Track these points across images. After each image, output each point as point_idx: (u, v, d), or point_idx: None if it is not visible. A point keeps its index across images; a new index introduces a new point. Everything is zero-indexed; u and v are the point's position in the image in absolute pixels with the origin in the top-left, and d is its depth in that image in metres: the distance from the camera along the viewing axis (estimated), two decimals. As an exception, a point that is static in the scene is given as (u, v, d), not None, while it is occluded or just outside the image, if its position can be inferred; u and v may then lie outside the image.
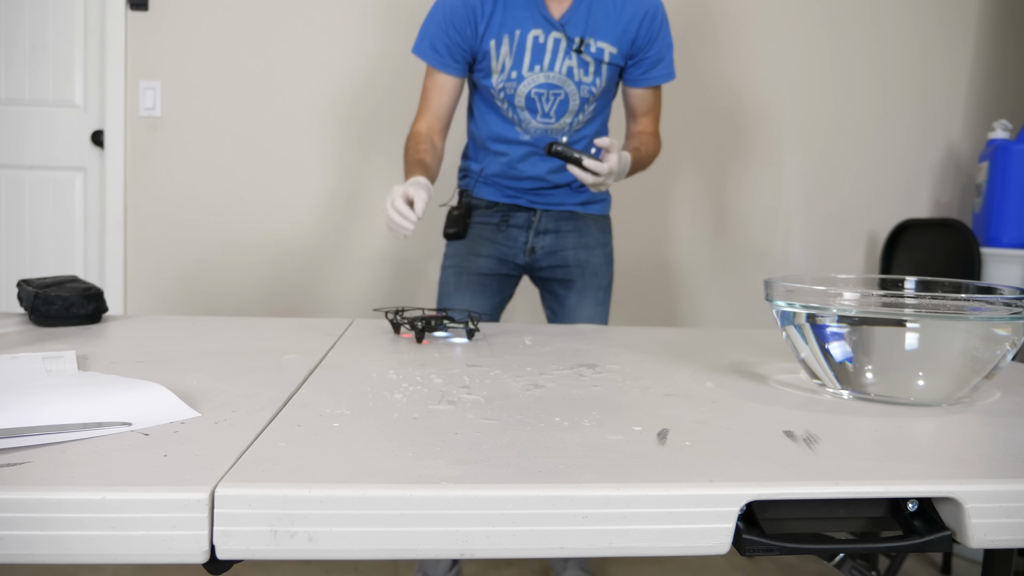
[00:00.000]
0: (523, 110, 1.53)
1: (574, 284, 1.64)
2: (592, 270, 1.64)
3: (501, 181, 1.61)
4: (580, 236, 1.64)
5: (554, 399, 0.73)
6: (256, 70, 2.40)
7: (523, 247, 1.64)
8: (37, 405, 0.60)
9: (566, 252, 1.64)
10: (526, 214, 1.63)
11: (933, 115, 2.60)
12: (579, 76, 1.50)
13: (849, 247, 2.62)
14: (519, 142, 1.56)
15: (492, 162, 1.60)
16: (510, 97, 1.52)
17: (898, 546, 0.53)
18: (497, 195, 1.63)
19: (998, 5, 2.58)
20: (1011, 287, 0.80)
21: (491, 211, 1.64)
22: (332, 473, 0.51)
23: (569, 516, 0.49)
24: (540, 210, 1.63)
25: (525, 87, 1.50)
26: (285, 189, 2.44)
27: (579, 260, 1.64)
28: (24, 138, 2.43)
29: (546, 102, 1.52)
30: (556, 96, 1.51)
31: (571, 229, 1.64)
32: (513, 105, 1.53)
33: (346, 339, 1.04)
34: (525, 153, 1.57)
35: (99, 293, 1.12)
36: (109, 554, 0.46)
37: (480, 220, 1.64)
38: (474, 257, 1.63)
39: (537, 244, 1.64)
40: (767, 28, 2.51)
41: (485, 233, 1.63)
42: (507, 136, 1.56)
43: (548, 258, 1.65)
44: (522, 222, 1.64)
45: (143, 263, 2.44)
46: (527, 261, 1.65)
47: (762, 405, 0.74)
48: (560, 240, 1.64)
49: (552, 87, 1.50)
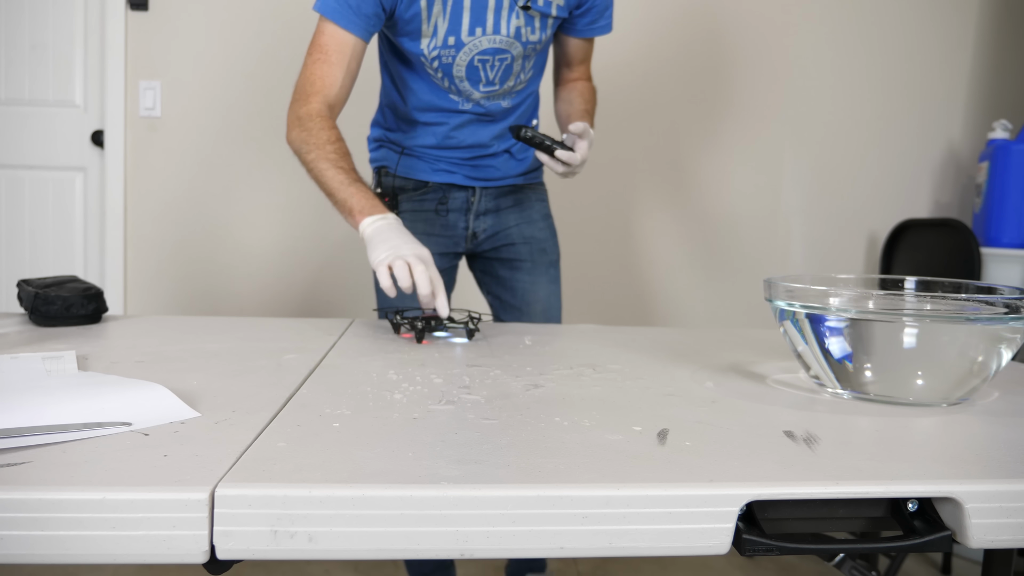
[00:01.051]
0: (462, 80, 1.29)
1: (522, 264, 1.44)
2: (539, 245, 1.45)
3: (432, 152, 1.38)
4: (522, 211, 1.45)
5: (554, 399, 0.73)
6: (256, 70, 2.40)
7: (463, 234, 1.43)
8: (37, 405, 0.60)
9: (509, 230, 1.44)
10: (463, 194, 1.40)
11: (933, 115, 2.60)
12: (526, 35, 1.26)
13: (849, 247, 2.62)
14: (458, 111, 1.33)
15: (422, 133, 1.36)
16: (446, 67, 1.26)
17: (898, 546, 0.53)
18: (427, 171, 1.39)
19: (998, 5, 2.58)
20: (1011, 287, 0.80)
21: (422, 193, 1.40)
22: (332, 473, 0.51)
23: (569, 516, 0.49)
24: (479, 188, 1.41)
25: (465, 56, 1.25)
26: (285, 189, 2.44)
27: (524, 237, 1.44)
28: (24, 138, 2.43)
29: (491, 69, 1.28)
30: (502, 61, 1.28)
31: (511, 205, 1.45)
32: (451, 76, 1.28)
33: (346, 339, 1.04)
34: (465, 120, 1.34)
35: (99, 293, 1.12)
36: (109, 554, 0.46)
37: (411, 207, 1.40)
38: None
39: (478, 228, 1.43)
40: (767, 28, 2.51)
41: (419, 224, 1.39)
42: (442, 105, 1.33)
43: (490, 240, 1.44)
44: (460, 204, 1.41)
45: (143, 263, 2.44)
46: (467, 248, 1.45)
47: (762, 405, 0.74)
48: (501, 219, 1.44)
49: (498, 52, 1.26)
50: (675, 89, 2.50)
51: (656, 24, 2.47)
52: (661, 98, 2.49)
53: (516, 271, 1.45)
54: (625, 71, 2.43)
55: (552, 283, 1.47)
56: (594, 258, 2.51)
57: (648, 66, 2.47)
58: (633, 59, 2.45)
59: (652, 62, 2.47)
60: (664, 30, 2.47)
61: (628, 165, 2.51)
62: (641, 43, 2.46)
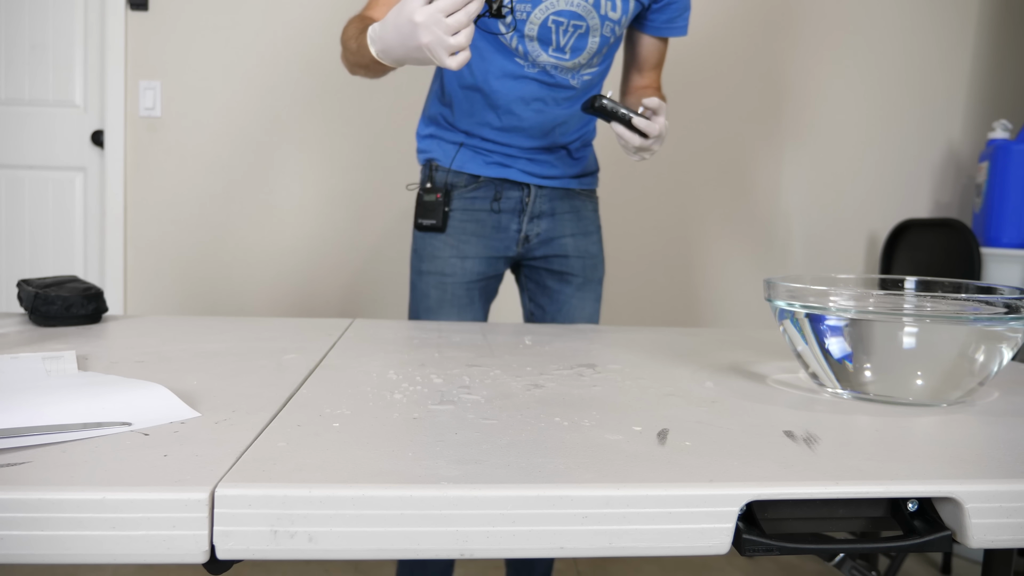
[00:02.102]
0: (532, 40, 1.22)
1: (573, 279, 1.39)
2: (592, 261, 1.41)
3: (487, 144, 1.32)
4: (578, 220, 1.39)
5: (554, 399, 0.73)
6: (256, 70, 2.40)
7: (516, 236, 1.36)
8: (37, 405, 0.60)
9: (564, 240, 1.38)
10: (518, 193, 1.34)
11: (933, 115, 2.60)
12: (605, 8, 1.22)
13: (849, 247, 2.62)
14: (523, 76, 1.26)
15: (481, 109, 1.29)
16: (520, 23, 1.20)
17: (898, 546, 0.53)
18: (480, 165, 1.33)
19: (998, 5, 2.58)
20: (1011, 287, 0.80)
21: (473, 189, 1.33)
22: (332, 473, 0.51)
23: (569, 516, 0.49)
24: (534, 187, 1.34)
25: (541, 13, 1.20)
26: (285, 189, 2.44)
27: (579, 250, 1.39)
28: (24, 138, 2.43)
29: (563, 34, 1.22)
30: (576, 28, 1.23)
31: (567, 211, 1.38)
32: (522, 34, 1.22)
33: (346, 339, 1.04)
34: (529, 94, 1.27)
35: (99, 293, 1.12)
36: (109, 554, 0.46)
37: (462, 205, 1.33)
38: (460, 260, 1.33)
39: (531, 231, 1.36)
40: (767, 28, 2.51)
41: (470, 224, 1.33)
42: (507, 69, 1.25)
43: (543, 247, 1.38)
44: (514, 204, 1.34)
45: (143, 263, 2.44)
46: (518, 252, 1.38)
47: (762, 405, 0.74)
48: (557, 225, 1.37)
49: (574, 16, 1.21)
50: (675, 89, 2.50)
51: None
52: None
53: (566, 284, 1.39)
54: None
55: (596, 301, 1.42)
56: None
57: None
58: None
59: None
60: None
61: (623, 166, 2.51)
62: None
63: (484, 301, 1.39)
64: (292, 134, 2.41)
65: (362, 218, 2.46)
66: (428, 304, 1.34)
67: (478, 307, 1.37)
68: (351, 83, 2.40)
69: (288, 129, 2.41)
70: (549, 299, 1.41)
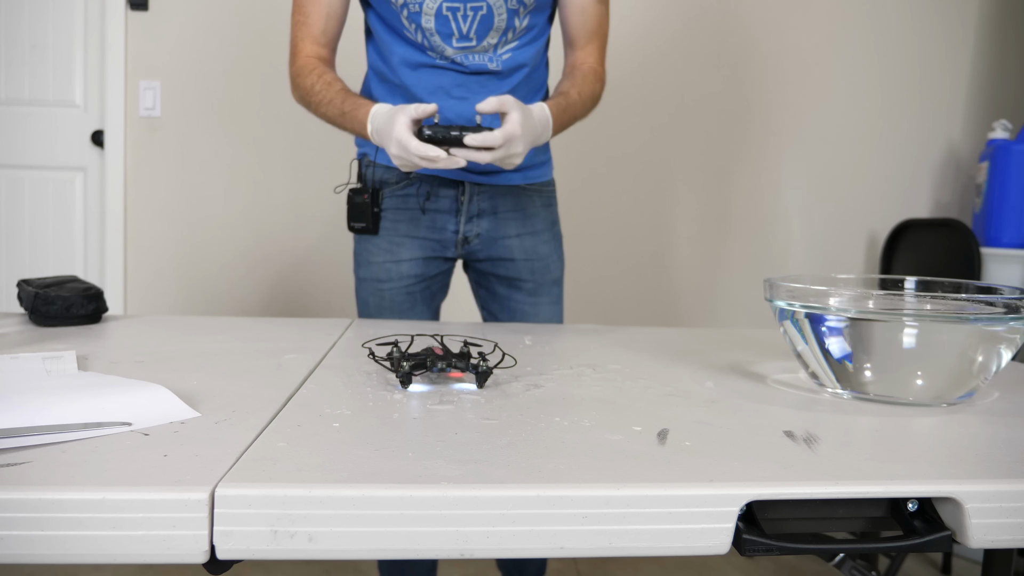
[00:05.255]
0: (432, 34, 1.16)
1: (523, 284, 1.30)
2: (543, 262, 1.30)
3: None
4: (525, 219, 1.29)
5: (554, 399, 0.73)
6: (256, 70, 2.40)
7: (453, 238, 1.27)
8: (37, 405, 0.60)
9: (509, 241, 1.28)
10: (452, 192, 1.25)
11: (933, 115, 2.61)
12: None
13: (849, 247, 2.62)
14: (435, 66, 1.19)
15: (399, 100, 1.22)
16: (415, 16, 1.15)
17: (898, 546, 0.53)
18: None
19: (998, 5, 2.58)
20: (1011, 287, 0.80)
21: (406, 187, 1.25)
22: (332, 473, 0.51)
23: (569, 516, 0.49)
24: (469, 185, 1.25)
25: (432, 2, 1.13)
26: (285, 189, 2.44)
27: (526, 252, 1.29)
28: (24, 138, 2.43)
29: (463, 20, 1.15)
30: (476, 11, 1.14)
31: (511, 209, 1.28)
32: (420, 26, 1.16)
33: (346, 339, 1.04)
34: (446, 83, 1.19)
35: (99, 293, 1.12)
36: (109, 554, 0.46)
37: (393, 204, 1.26)
38: (395, 264, 1.26)
39: (470, 232, 1.27)
40: (767, 28, 2.51)
41: (402, 224, 1.26)
42: (419, 60, 1.19)
43: (487, 248, 1.29)
44: (448, 205, 1.26)
45: (143, 263, 2.44)
46: (459, 254, 1.30)
47: (762, 405, 0.74)
48: (500, 225, 1.27)
49: (470, 0, 1.13)
50: (673, 88, 2.50)
51: (653, 24, 2.47)
52: (658, 97, 2.49)
53: (515, 291, 1.31)
54: (621, 68, 2.43)
55: (554, 303, 1.33)
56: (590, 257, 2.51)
57: (644, 65, 2.47)
58: (629, 57, 2.45)
59: (648, 61, 2.47)
60: (661, 29, 2.47)
61: (625, 165, 2.51)
62: (637, 41, 2.46)
63: (427, 302, 1.31)
64: (292, 134, 2.41)
65: (362, 218, 2.46)
66: (368, 312, 1.28)
67: (421, 310, 1.30)
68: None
69: (288, 129, 2.41)
70: (500, 306, 1.33)
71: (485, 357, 0.79)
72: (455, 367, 0.77)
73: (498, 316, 1.34)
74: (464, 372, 0.77)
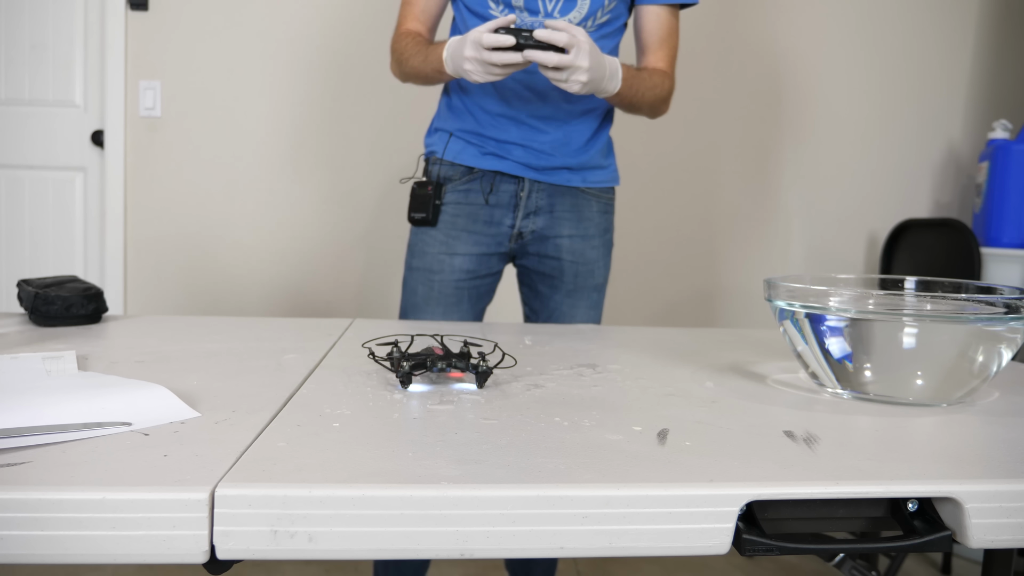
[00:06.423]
0: (521, 10, 1.22)
1: (563, 283, 1.34)
2: (587, 267, 1.35)
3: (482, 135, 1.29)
4: (578, 221, 1.33)
5: (554, 399, 0.73)
6: (256, 70, 2.40)
7: (508, 232, 1.32)
8: (37, 405, 0.60)
9: (559, 240, 1.33)
10: (512, 186, 1.30)
11: (933, 115, 2.61)
12: None
13: (849, 247, 2.62)
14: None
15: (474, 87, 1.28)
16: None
17: (898, 546, 0.53)
18: (475, 156, 1.30)
19: (998, 5, 2.58)
20: (1011, 287, 0.80)
21: (467, 181, 1.31)
22: (332, 473, 0.51)
23: (569, 516, 0.49)
24: (529, 181, 1.30)
25: None
26: (285, 189, 2.44)
27: (574, 253, 1.33)
28: (24, 138, 2.43)
29: (550, 2, 1.21)
30: None
31: (567, 209, 1.32)
32: (509, 3, 1.22)
33: (346, 339, 1.04)
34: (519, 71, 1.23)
35: (99, 293, 1.12)
36: (109, 554, 0.46)
37: (455, 199, 1.31)
38: (448, 257, 1.31)
39: (525, 228, 1.32)
40: (767, 28, 2.51)
41: (461, 219, 1.31)
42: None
43: (536, 244, 1.34)
44: (508, 198, 1.31)
45: (143, 263, 2.44)
46: (512, 248, 1.34)
47: (762, 405, 0.74)
48: (554, 223, 1.32)
49: None
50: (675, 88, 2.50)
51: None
52: (661, 98, 2.49)
53: (555, 291, 1.35)
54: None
55: (592, 308, 1.36)
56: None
57: (648, 66, 2.47)
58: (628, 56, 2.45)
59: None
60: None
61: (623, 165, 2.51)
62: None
63: (473, 302, 1.34)
64: (292, 134, 2.41)
65: (362, 218, 2.46)
66: (415, 300, 1.32)
67: (466, 308, 1.33)
68: (350, 83, 2.40)
69: (288, 129, 2.41)
70: (540, 303, 1.38)
71: (485, 357, 0.79)
72: (455, 367, 0.77)
73: (538, 313, 1.38)
74: (464, 372, 0.77)
